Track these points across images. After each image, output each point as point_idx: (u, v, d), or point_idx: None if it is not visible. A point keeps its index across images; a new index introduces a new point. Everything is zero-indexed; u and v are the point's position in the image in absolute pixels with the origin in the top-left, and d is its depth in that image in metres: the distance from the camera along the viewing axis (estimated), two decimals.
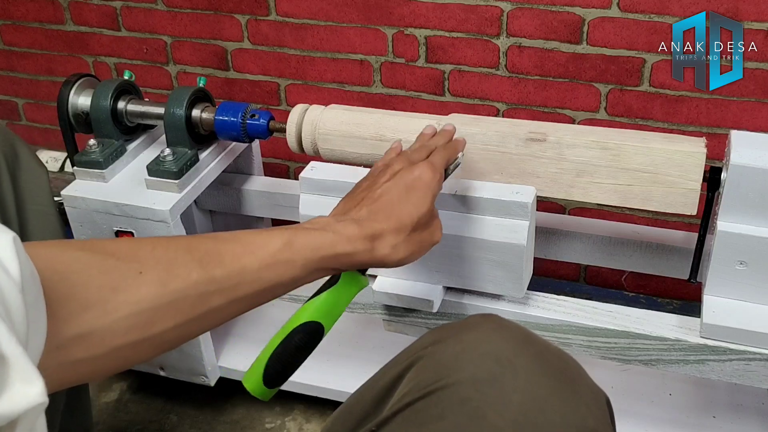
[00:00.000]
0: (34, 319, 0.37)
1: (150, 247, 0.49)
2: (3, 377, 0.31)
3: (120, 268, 0.46)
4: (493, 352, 0.48)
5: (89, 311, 0.44)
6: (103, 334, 0.44)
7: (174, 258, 0.49)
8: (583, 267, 1.35)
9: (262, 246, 0.54)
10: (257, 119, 0.99)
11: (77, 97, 1.04)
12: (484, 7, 1.16)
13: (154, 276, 0.47)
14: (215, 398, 1.17)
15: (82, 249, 0.47)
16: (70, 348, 0.43)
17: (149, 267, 0.47)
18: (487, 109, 1.25)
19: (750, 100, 1.11)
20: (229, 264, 0.52)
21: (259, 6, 1.28)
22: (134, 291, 0.46)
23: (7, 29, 1.50)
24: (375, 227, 0.60)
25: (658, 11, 1.08)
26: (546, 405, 0.45)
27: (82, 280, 0.44)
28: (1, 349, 0.32)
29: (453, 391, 0.46)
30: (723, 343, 0.81)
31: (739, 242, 0.78)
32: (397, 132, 0.90)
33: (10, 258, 0.35)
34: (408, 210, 0.62)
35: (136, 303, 0.46)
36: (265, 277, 0.54)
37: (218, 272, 0.51)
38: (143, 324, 0.46)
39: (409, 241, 0.62)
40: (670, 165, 0.80)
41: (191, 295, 0.49)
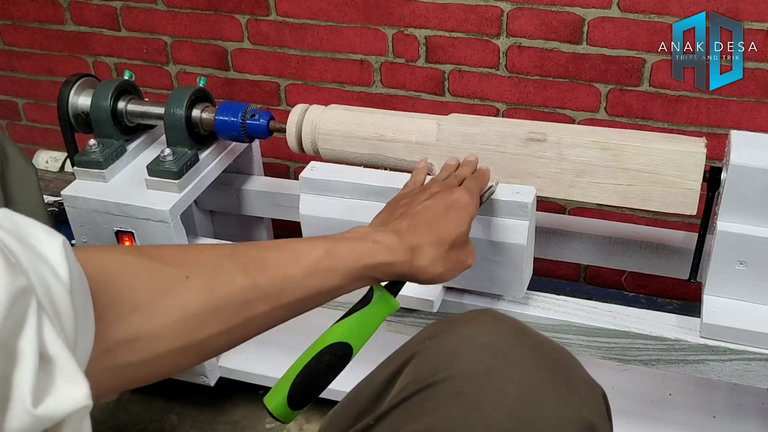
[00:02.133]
0: (83, 322, 0.38)
1: (195, 253, 0.50)
2: (49, 379, 0.32)
3: (167, 272, 0.47)
4: (488, 345, 0.48)
5: (137, 315, 0.44)
6: (150, 338, 0.45)
7: (219, 264, 0.50)
8: (583, 267, 1.35)
9: (305, 254, 0.54)
10: (257, 119, 0.99)
11: (77, 97, 1.04)
12: (484, 7, 1.16)
13: (200, 281, 0.48)
14: (215, 398, 1.17)
15: (129, 253, 0.47)
16: (118, 352, 0.43)
17: (195, 272, 0.48)
18: (487, 109, 1.25)
19: (750, 100, 1.11)
20: (273, 271, 0.52)
21: (259, 6, 1.28)
22: (181, 296, 0.46)
23: (7, 29, 1.50)
24: (415, 239, 0.61)
25: (658, 11, 1.08)
26: (541, 397, 0.46)
27: (130, 284, 0.45)
28: (49, 350, 0.32)
29: (449, 384, 0.46)
30: (723, 343, 0.81)
31: (739, 242, 0.78)
32: (397, 132, 0.90)
33: (60, 261, 0.36)
34: (447, 226, 0.64)
35: (182, 308, 0.46)
36: (307, 284, 0.54)
37: (262, 279, 0.51)
38: (190, 329, 0.47)
39: (447, 258, 0.63)
40: (670, 165, 0.80)
41: (236, 301, 0.49)
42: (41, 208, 0.82)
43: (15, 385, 0.30)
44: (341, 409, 0.57)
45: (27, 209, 0.80)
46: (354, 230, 0.61)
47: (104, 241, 1.00)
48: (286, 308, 0.53)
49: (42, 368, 0.31)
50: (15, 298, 0.30)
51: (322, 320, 1.19)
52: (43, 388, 0.31)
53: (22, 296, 0.31)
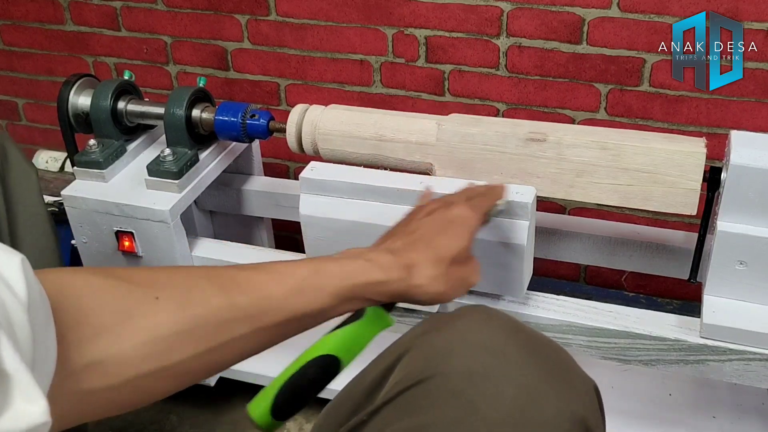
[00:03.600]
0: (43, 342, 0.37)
1: (167, 274, 0.48)
2: (5, 395, 0.30)
3: (135, 293, 0.45)
4: (483, 343, 0.48)
5: (102, 337, 0.42)
6: (117, 362, 0.43)
7: (193, 284, 0.48)
8: (583, 267, 1.35)
9: (289, 273, 0.52)
10: (257, 119, 0.99)
11: (77, 97, 1.04)
12: (484, 7, 1.16)
13: (172, 302, 0.46)
14: (215, 398, 1.17)
15: (95, 274, 0.45)
16: (82, 376, 0.41)
17: (166, 293, 0.46)
18: (487, 109, 1.25)
19: (750, 100, 1.11)
20: (254, 290, 0.50)
21: (259, 6, 1.28)
22: (150, 317, 0.44)
23: (7, 29, 1.50)
24: (411, 256, 0.58)
25: (658, 11, 1.08)
26: (539, 397, 0.45)
27: (95, 305, 0.43)
28: (4, 366, 0.31)
29: (444, 381, 0.46)
30: (723, 343, 0.81)
31: (739, 242, 0.78)
32: (397, 132, 0.90)
33: (17, 278, 0.35)
34: (446, 242, 0.60)
35: (152, 329, 0.44)
36: (292, 305, 0.51)
37: (241, 299, 0.49)
38: (160, 352, 0.44)
39: (448, 276, 0.59)
40: (670, 165, 0.80)
41: (211, 322, 0.47)
42: (41, 207, 0.81)
43: None
44: (335, 405, 0.56)
45: (27, 209, 0.79)
46: (346, 251, 0.58)
47: (104, 242, 1.00)
48: (268, 330, 0.51)
49: None
50: None
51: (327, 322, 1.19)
52: (0, 405, 0.30)
53: None
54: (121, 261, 1.01)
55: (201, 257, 1.00)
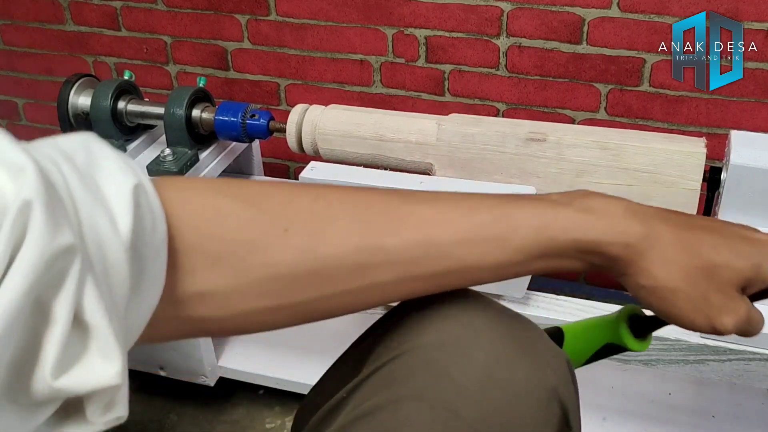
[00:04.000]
0: (148, 274, 0.34)
1: (305, 201, 0.41)
2: (82, 348, 0.29)
3: (262, 222, 0.39)
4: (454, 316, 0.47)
5: (217, 268, 0.38)
6: (230, 294, 0.39)
7: (332, 216, 0.41)
8: None
9: (463, 213, 0.42)
10: (257, 119, 0.99)
11: (77, 97, 1.04)
12: (484, 7, 1.16)
13: (302, 237, 0.40)
14: (215, 398, 1.17)
15: (219, 193, 0.40)
16: (191, 304, 0.38)
17: (297, 225, 0.40)
18: (487, 109, 1.25)
19: (750, 100, 1.11)
20: (410, 230, 0.41)
21: (259, 6, 1.28)
22: (274, 252, 0.39)
23: (7, 29, 1.50)
24: (660, 227, 0.43)
25: (658, 11, 1.08)
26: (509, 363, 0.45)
27: (215, 232, 0.38)
28: (86, 317, 0.29)
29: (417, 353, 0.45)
30: (723, 343, 0.81)
31: None
32: (397, 132, 0.90)
33: (123, 211, 0.32)
34: (721, 249, 0.43)
35: (274, 266, 0.39)
36: (459, 254, 0.42)
37: (391, 241, 0.41)
38: (280, 290, 0.40)
39: (696, 284, 0.42)
40: (670, 165, 0.81)
41: (347, 264, 0.40)
42: None
43: (43, 349, 0.28)
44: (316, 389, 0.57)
45: None
46: (563, 194, 0.45)
47: None
48: (423, 280, 0.43)
49: (76, 335, 0.29)
50: (53, 258, 0.28)
51: (327, 321, 1.19)
52: (73, 358, 0.29)
53: (63, 256, 0.28)
54: None
55: None
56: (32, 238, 0.27)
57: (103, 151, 0.34)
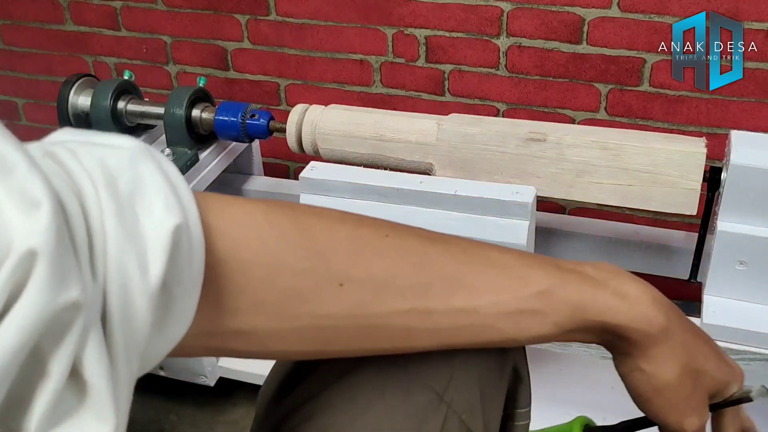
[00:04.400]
0: (178, 309, 0.33)
1: (371, 254, 0.39)
2: (75, 404, 0.28)
3: (319, 274, 0.37)
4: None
5: (260, 313, 0.37)
6: (269, 336, 0.38)
7: (393, 275, 0.39)
8: None
9: (512, 286, 0.41)
10: (257, 119, 0.99)
11: (77, 97, 1.04)
12: (484, 7, 1.16)
13: (357, 295, 0.38)
14: (215, 398, 1.17)
15: (282, 236, 0.37)
16: (225, 339, 0.37)
17: (356, 282, 0.38)
18: (487, 109, 1.25)
19: (750, 100, 1.11)
20: (458, 300, 0.40)
21: (259, 6, 1.28)
22: (324, 305, 0.38)
23: (7, 29, 1.50)
24: (675, 320, 0.45)
25: (658, 11, 1.08)
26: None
27: (267, 278, 0.37)
28: (85, 374, 0.28)
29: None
30: (723, 343, 0.81)
31: (739, 242, 0.78)
32: (397, 132, 0.90)
33: (158, 253, 0.30)
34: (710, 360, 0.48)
35: (321, 318, 0.38)
36: (500, 326, 0.41)
37: (440, 307, 0.39)
38: (322, 339, 0.39)
39: (683, 385, 0.47)
40: (670, 165, 0.80)
41: (394, 326, 0.39)
42: None
43: (33, 401, 0.27)
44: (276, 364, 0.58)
45: None
46: (595, 264, 0.45)
47: None
48: (460, 345, 0.42)
49: (72, 390, 0.28)
50: (53, 314, 0.26)
51: None
52: (65, 413, 0.28)
53: (66, 312, 0.27)
54: None
55: None
56: (32, 293, 0.25)
57: (152, 177, 0.32)
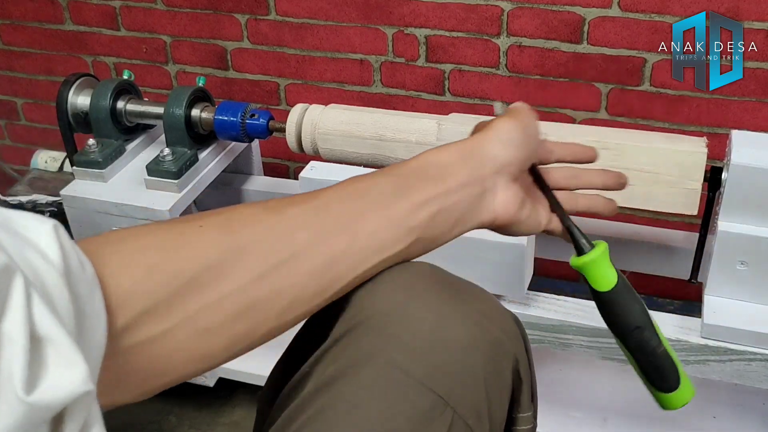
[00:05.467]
0: (89, 308, 0.34)
1: (211, 211, 0.44)
2: (42, 362, 0.28)
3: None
4: (401, 283, 0.49)
5: (146, 324, 0.39)
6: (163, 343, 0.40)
7: (236, 209, 0.44)
8: None
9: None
10: (257, 119, 0.99)
11: (76, 97, 1.03)
12: (485, 7, 1.16)
13: (217, 229, 0.42)
14: (215, 399, 1.17)
15: (144, 252, 0.40)
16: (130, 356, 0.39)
17: (211, 222, 0.42)
18: (488, 109, 1.25)
19: (750, 100, 1.11)
20: (303, 201, 0.46)
21: (259, 5, 1.28)
22: (195, 246, 0.41)
23: (6, 29, 1.50)
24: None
25: (659, 11, 1.08)
26: (454, 320, 0.47)
27: (143, 288, 0.39)
28: (39, 330, 0.28)
29: (371, 320, 0.48)
30: (724, 343, 0.81)
31: (740, 242, 0.78)
32: (397, 132, 0.90)
33: (50, 244, 0.32)
34: None
35: (202, 258, 0.41)
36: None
37: (292, 210, 0.45)
38: (212, 278, 0.41)
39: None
40: (670, 165, 0.80)
41: (265, 236, 0.43)
42: None
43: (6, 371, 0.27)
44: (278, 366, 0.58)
45: None
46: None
47: None
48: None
49: (34, 351, 0.28)
50: None
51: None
52: (36, 373, 0.28)
53: (2, 274, 0.28)
54: None
55: None
56: None
57: (18, 213, 0.34)
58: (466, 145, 0.50)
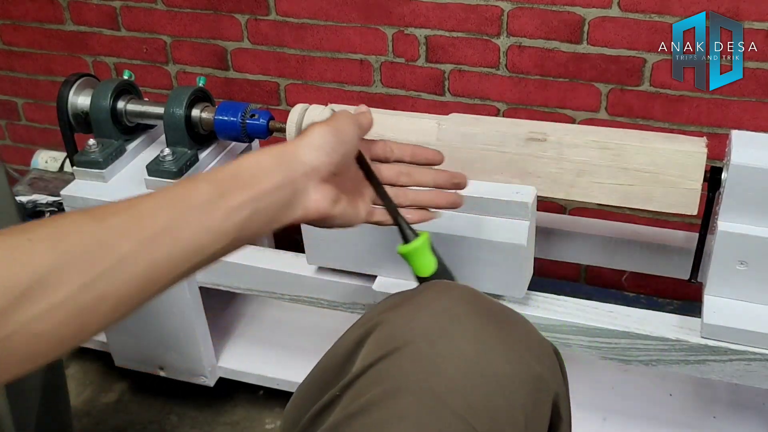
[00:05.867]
0: None
1: (39, 222, 0.47)
2: None
3: (6, 240, 0.43)
4: (441, 310, 0.50)
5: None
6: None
7: (63, 220, 0.46)
8: (583, 267, 1.34)
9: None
10: (257, 119, 0.99)
11: (77, 97, 1.03)
12: (485, 7, 1.16)
13: (45, 241, 0.44)
14: (215, 399, 1.17)
15: None
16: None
17: (39, 234, 0.44)
18: (487, 109, 1.25)
19: (750, 100, 1.11)
20: (125, 210, 0.47)
21: (259, 6, 1.28)
22: (26, 259, 0.43)
23: (6, 29, 1.50)
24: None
25: (659, 11, 1.08)
26: (494, 353, 0.47)
27: None
28: None
29: (410, 349, 0.47)
30: (724, 343, 0.81)
31: (740, 242, 0.78)
32: (397, 132, 0.90)
33: None
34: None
35: (32, 271, 0.43)
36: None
37: (114, 220, 0.46)
38: (43, 289, 0.43)
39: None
40: (670, 165, 0.80)
41: (90, 246, 0.45)
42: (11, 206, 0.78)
43: None
44: (305, 385, 0.57)
45: None
46: None
47: None
48: (156, 246, 0.48)
49: None
50: None
51: (327, 322, 1.19)
52: None
53: None
54: None
55: None
56: None
57: None
58: (280, 150, 0.53)
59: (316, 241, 0.90)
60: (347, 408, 0.47)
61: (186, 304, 1.01)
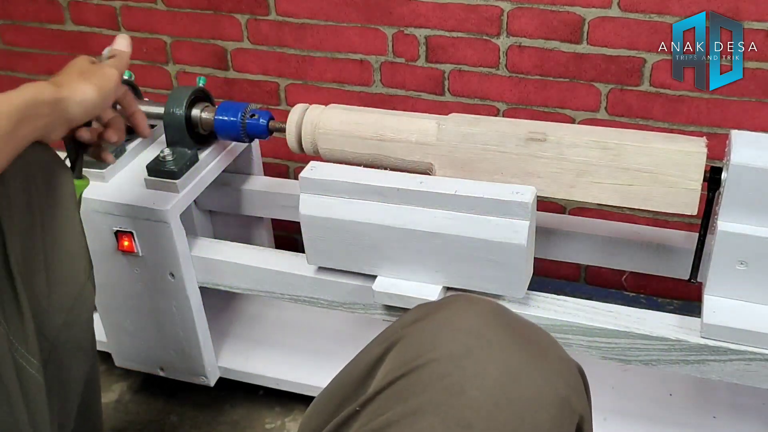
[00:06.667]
0: None
1: None
2: None
3: None
4: (466, 327, 0.49)
5: None
6: None
7: None
8: (583, 267, 1.34)
9: None
10: (257, 119, 0.99)
11: None
12: (484, 7, 1.16)
13: None
14: (215, 399, 1.17)
15: None
16: None
17: None
18: (487, 109, 1.25)
19: (750, 100, 1.11)
20: None
21: (259, 6, 1.28)
22: None
23: (7, 29, 1.50)
24: (60, 79, 0.74)
25: (659, 11, 1.08)
26: (521, 376, 0.46)
27: None
28: None
29: (432, 367, 0.47)
30: (723, 343, 0.81)
31: (740, 242, 0.78)
32: (397, 132, 0.90)
33: None
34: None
35: None
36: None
37: None
38: None
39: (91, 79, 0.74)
40: (670, 165, 0.80)
41: None
42: (76, 212, 0.79)
43: None
44: (323, 398, 0.56)
45: (65, 213, 0.76)
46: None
47: (103, 242, 1.00)
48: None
49: None
50: None
51: (327, 322, 1.19)
52: None
53: None
54: (120, 261, 1.01)
55: (200, 257, 1.00)
56: None
57: None
58: (56, 99, 0.70)
59: (316, 241, 0.90)
60: (367, 425, 0.46)
61: (186, 304, 1.01)
